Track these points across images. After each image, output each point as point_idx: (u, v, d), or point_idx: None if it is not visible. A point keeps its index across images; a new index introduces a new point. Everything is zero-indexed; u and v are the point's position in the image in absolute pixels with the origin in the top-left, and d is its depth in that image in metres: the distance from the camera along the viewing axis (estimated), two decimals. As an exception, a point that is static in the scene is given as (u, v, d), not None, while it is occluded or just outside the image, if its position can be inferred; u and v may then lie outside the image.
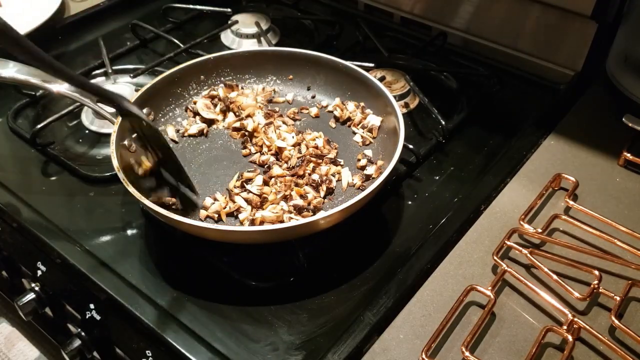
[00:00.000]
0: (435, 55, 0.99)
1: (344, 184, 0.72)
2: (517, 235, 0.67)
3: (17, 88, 0.89)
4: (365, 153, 0.75)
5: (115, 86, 0.90)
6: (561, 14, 0.89)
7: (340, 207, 0.61)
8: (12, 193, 0.74)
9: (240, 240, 0.64)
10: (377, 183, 0.63)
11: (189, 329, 0.60)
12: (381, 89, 0.76)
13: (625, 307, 0.60)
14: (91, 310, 0.66)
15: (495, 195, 0.73)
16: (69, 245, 0.68)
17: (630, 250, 0.64)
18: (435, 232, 0.69)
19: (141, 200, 0.61)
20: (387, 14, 1.09)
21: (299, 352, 0.58)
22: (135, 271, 0.66)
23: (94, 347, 0.70)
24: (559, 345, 0.57)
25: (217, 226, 0.64)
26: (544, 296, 0.60)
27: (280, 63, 0.85)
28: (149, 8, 1.12)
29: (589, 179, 0.74)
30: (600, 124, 0.83)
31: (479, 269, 0.64)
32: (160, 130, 0.76)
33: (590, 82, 0.90)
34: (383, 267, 0.66)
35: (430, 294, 0.62)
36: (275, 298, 0.63)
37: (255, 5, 1.14)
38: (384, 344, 0.58)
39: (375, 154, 0.76)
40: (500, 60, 0.98)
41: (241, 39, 1.02)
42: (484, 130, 0.85)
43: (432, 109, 0.83)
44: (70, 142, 0.83)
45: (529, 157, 0.78)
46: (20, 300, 0.72)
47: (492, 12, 0.96)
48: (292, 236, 0.64)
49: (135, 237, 0.70)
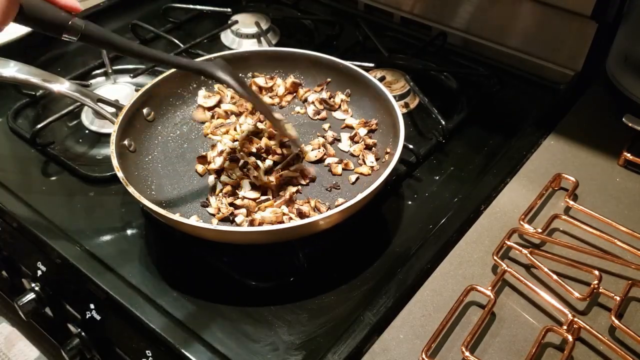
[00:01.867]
0: (435, 55, 0.99)
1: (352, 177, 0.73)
2: (517, 235, 0.67)
3: (17, 88, 0.89)
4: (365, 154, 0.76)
5: (115, 86, 0.90)
6: (561, 14, 0.89)
7: (340, 208, 0.61)
8: (12, 193, 0.74)
9: (240, 241, 0.64)
10: (377, 184, 0.63)
11: (189, 329, 0.60)
12: (381, 89, 0.76)
13: (625, 307, 0.60)
14: (91, 310, 0.66)
15: (495, 195, 0.73)
16: (69, 245, 0.68)
17: (630, 250, 0.64)
18: (435, 232, 0.69)
19: (141, 201, 0.61)
20: (387, 14, 1.09)
21: (299, 352, 0.58)
22: (135, 271, 0.66)
23: (94, 347, 0.70)
24: (559, 345, 0.57)
25: (217, 227, 0.64)
26: (544, 296, 0.60)
27: (281, 63, 0.85)
28: (149, 8, 1.12)
29: (589, 179, 0.74)
30: (600, 124, 0.83)
31: (479, 269, 0.64)
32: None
33: (590, 82, 0.90)
34: (383, 267, 0.66)
35: (430, 294, 0.62)
36: (275, 298, 0.63)
37: (255, 5, 1.14)
38: (384, 344, 0.58)
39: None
40: (500, 60, 0.98)
41: (241, 39, 1.02)
42: (484, 130, 0.85)
43: (432, 109, 0.83)
44: (70, 142, 0.83)
45: (529, 157, 0.78)
46: (20, 300, 0.72)
47: (492, 12, 0.96)
48: (292, 237, 0.64)
49: (135, 237, 0.70)
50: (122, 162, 0.66)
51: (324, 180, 0.73)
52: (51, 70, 0.73)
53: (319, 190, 0.72)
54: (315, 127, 0.80)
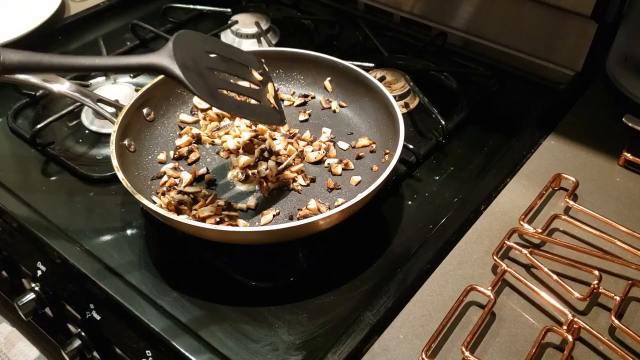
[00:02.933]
0: (436, 55, 0.99)
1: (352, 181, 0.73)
2: (517, 235, 0.67)
3: (17, 88, 0.89)
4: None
5: (115, 86, 0.90)
6: (561, 14, 0.89)
7: (340, 208, 0.61)
8: (12, 193, 0.74)
9: (241, 241, 0.64)
10: (377, 184, 0.63)
11: (189, 329, 0.60)
12: (381, 89, 0.76)
13: (625, 307, 0.60)
14: (91, 310, 0.66)
15: (495, 195, 0.73)
16: (69, 245, 0.68)
17: (630, 250, 0.64)
18: (435, 232, 0.69)
19: (141, 201, 0.61)
20: (387, 14, 1.09)
21: (299, 352, 0.58)
22: (135, 271, 0.66)
23: (94, 347, 0.70)
24: (559, 345, 0.57)
25: (217, 227, 0.64)
26: (544, 296, 0.60)
27: (281, 63, 0.85)
28: (149, 8, 1.12)
29: (589, 179, 0.74)
30: (600, 124, 0.83)
31: (479, 269, 0.64)
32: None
33: (590, 82, 0.90)
34: (383, 267, 0.66)
35: (430, 294, 0.62)
36: (275, 298, 0.63)
37: (255, 5, 1.14)
38: (384, 344, 0.58)
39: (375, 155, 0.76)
40: (500, 60, 0.98)
41: (241, 39, 1.02)
42: (484, 130, 0.85)
43: (432, 109, 0.83)
44: (70, 142, 0.83)
45: (529, 157, 0.78)
46: (20, 300, 0.72)
47: (492, 12, 0.96)
48: (292, 237, 0.64)
49: (135, 237, 0.70)
50: (122, 162, 0.66)
51: (324, 180, 0.73)
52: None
53: (319, 190, 0.72)
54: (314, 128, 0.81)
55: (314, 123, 0.81)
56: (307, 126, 0.80)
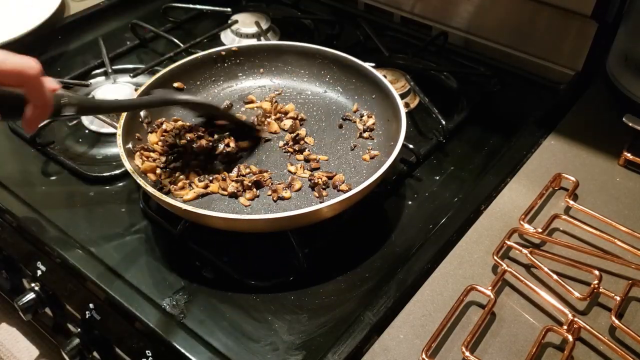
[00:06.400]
0: (436, 55, 0.99)
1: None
2: (517, 235, 0.67)
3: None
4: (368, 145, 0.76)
5: (115, 86, 0.90)
6: (561, 14, 0.89)
7: (341, 197, 0.62)
8: (12, 193, 0.74)
9: (244, 229, 0.64)
10: (378, 175, 0.64)
11: (189, 328, 0.60)
12: (386, 85, 0.76)
13: (625, 307, 0.60)
14: (91, 310, 0.66)
15: (495, 195, 0.73)
16: (69, 245, 0.68)
17: (630, 250, 0.64)
18: (435, 232, 0.69)
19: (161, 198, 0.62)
20: (388, 13, 1.09)
21: (299, 352, 0.58)
22: (136, 271, 0.66)
23: (94, 347, 0.70)
24: (559, 345, 0.57)
25: (221, 214, 0.62)
26: (544, 296, 0.60)
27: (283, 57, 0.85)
28: (149, 8, 1.12)
29: (589, 178, 0.74)
30: (600, 124, 0.83)
31: (479, 269, 0.64)
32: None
33: (590, 82, 0.90)
34: (383, 267, 0.66)
35: (430, 294, 0.62)
36: (275, 298, 0.63)
37: (255, 5, 1.14)
38: (384, 344, 0.58)
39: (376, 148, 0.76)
40: (500, 60, 0.98)
41: (241, 38, 1.02)
42: (484, 130, 0.85)
43: (433, 108, 0.83)
44: (70, 142, 0.83)
45: (529, 157, 0.78)
46: (20, 300, 0.72)
47: (493, 12, 0.96)
48: (295, 225, 0.64)
49: (136, 237, 0.70)
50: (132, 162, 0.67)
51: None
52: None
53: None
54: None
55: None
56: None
